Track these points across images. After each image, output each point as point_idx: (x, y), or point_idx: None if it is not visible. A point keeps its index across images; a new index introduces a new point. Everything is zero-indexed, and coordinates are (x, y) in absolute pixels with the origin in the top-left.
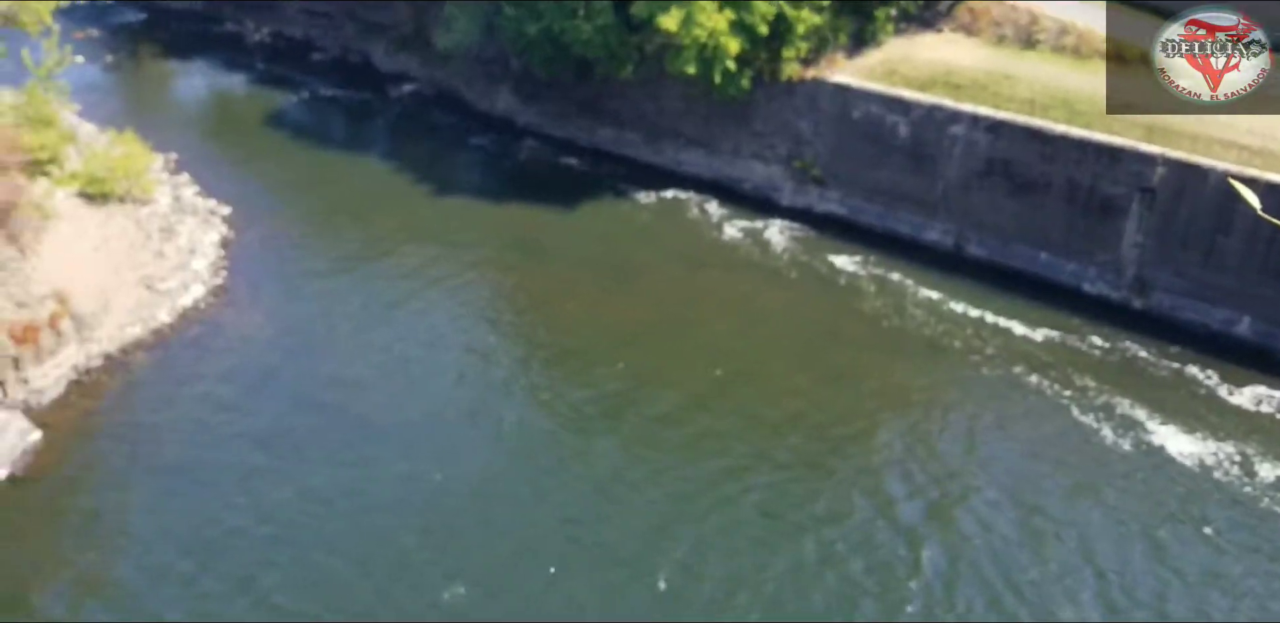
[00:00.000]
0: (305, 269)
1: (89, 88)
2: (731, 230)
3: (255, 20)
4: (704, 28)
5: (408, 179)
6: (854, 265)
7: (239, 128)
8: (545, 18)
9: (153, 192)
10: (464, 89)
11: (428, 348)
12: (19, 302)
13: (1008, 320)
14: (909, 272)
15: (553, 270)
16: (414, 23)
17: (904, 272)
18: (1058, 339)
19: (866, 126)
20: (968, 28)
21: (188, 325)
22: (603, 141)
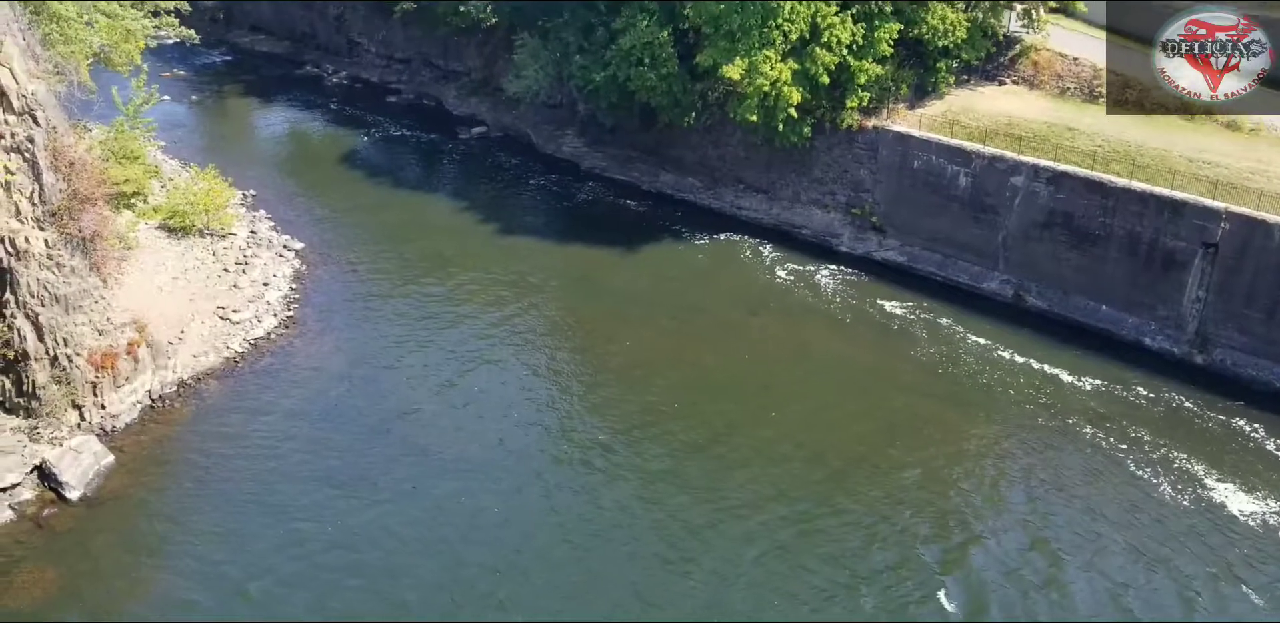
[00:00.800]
0: (373, 304)
1: (174, 125)
2: (790, 275)
3: (335, 64)
4: (766, 77)
5: (475, 218)
6: (912, 313)
7: (315, 166)
8: (612, 66)
9: (231, 225)
10: (531, 133)
11: (490, 382)
12: (100, 329)
13: (1066, 372)
14: (967, 321)
15: (613, 310)
16: (485, 69)
17: (962, 321)
18: (1116, 392)
19: (927, 176)
20: (1030, 80)
21: (259, 355)
22: (664, 186)
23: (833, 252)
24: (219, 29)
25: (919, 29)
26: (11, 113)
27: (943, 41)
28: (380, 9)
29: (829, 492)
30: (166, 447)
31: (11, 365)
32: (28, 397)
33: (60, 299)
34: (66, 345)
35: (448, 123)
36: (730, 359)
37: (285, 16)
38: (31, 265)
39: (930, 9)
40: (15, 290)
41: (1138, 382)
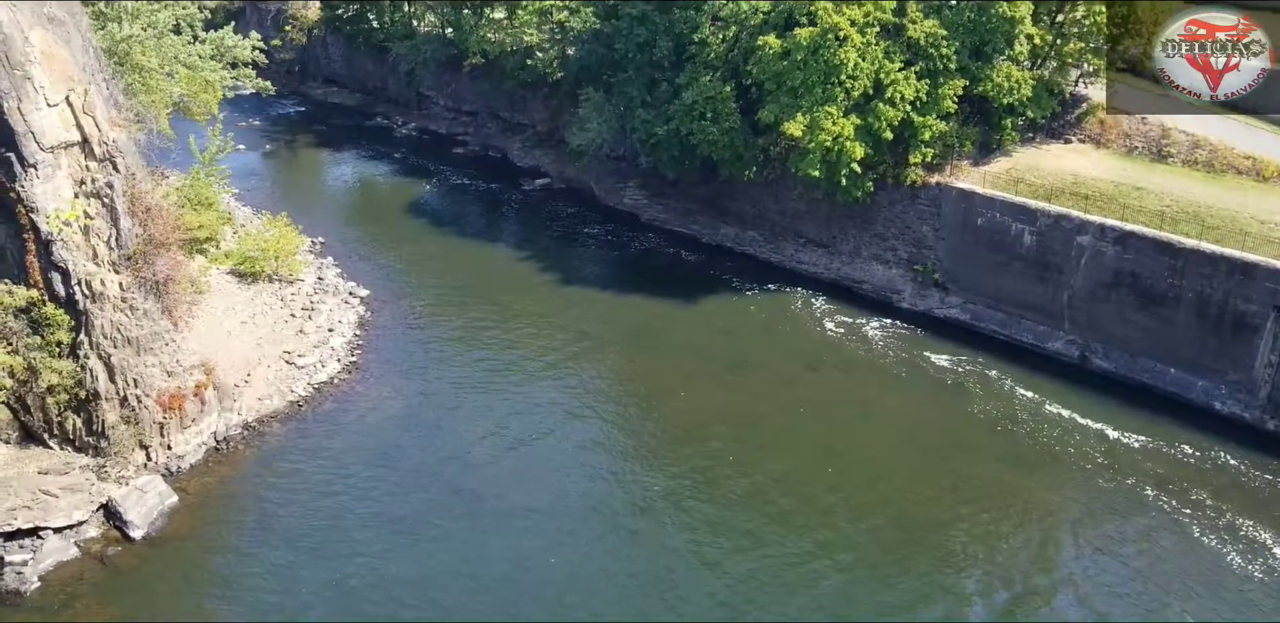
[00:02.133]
0: (434, 350)
1: (248, 173)
2: (850, 331)
3: (404, 116)
4: (829, 133)
5: (536, 267)
6: (974, 372)
7: (382, 214)
8: (674, 120)
9: (299, 272)
10: (593, 185)
11: (545, 430)
12: (169, 371)
13: (1131, 435)
14: (1031, 381)
15: (671, 360)
16: (550, 122)
17: (1025, 380)
18: (1182, 456)
19: (990, 233)
20: (1097, 139)
21: (322, 400)
22: (724, 239)
23: (894, 307)
24: (294, 81)
25: (984, 86)
26: (93, 159)
27: (1008, 99)
28: (450, 63)
29: (881, 548)
30: (229, 488)
31: (83, 405)
32: (97, 436)
33: (132, 341)
34: (136, 386)
35: (512, 174)
36: (788, 414)
37: (358, 70)
38: (106, 307)
39: (995, 67)
40: (90, 332)
41: (1205, 446)
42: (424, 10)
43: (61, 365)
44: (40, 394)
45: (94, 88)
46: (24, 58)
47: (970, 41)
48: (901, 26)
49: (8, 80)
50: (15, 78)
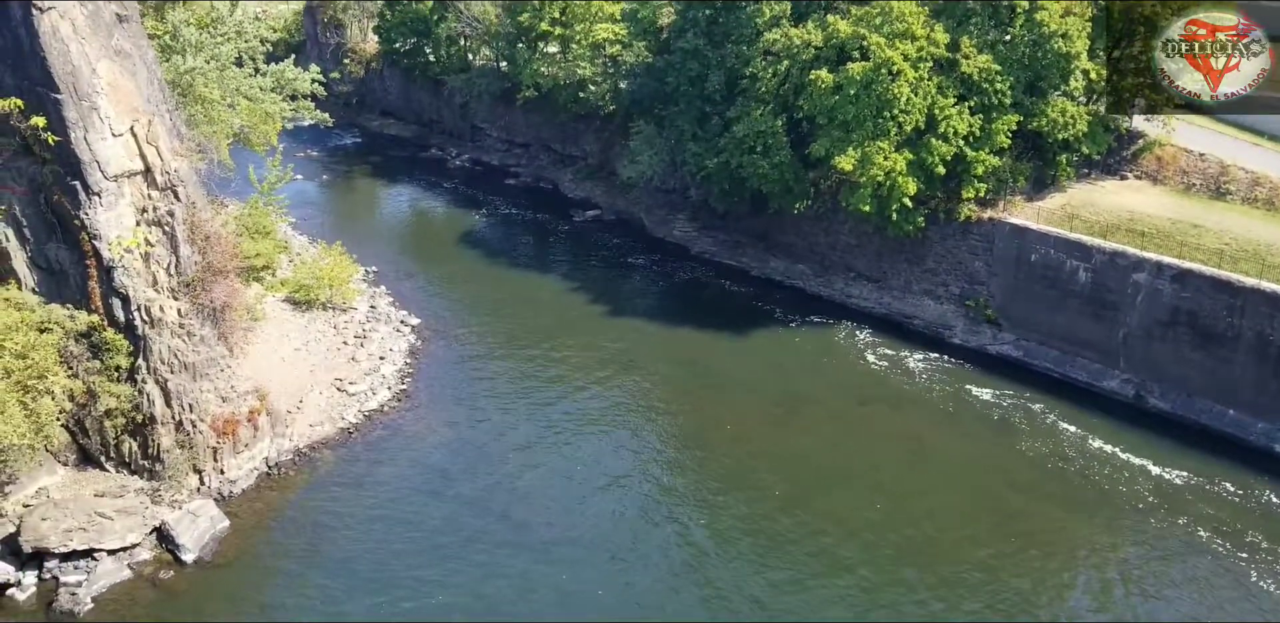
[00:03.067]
0: (483, 380)
1: (305, 202)
2: (901, 366)
3: (458, 148)
4: (880, 167)
5: (585, 298)
6: (1027, 409)
7: (435, 244)
8: (725, 153)
9: (353, 300)
10: (643, 217)
11: (591, 462)
12: (224, 396)
13: (1188, 476)
14: (1084, 420)
15: (719, 394)
16: (601, 154)
17: (1079, 419)
18: (1240, 499)
19: (1044, 269)
20: (1153, 175)
21: (372, 427)
22: (773, 271)
23: (945, 343)
24: (351, 112)
25: (1038, 121)
26: (155, 188)
27: (1062, 134)
28: (504, 96)
29: (928, 587)
30: (279, 514)
31: (139, 429)
32: (152, 459)
33: (189, 367)
34: (192, 411)
35: (563, 205)
36: (837, 449)
37: (413, 102)
38: (164, 333)
39: (1050, 102)
40: (148, 357)
41: (1263, 489)
42: (479, 44)
43: (120, 389)
44: (98, 418)
45: (158, 118)
46: (91, 89)
47: (1025, 77)
48: (955, 62)
49: (75, 111)
50: (82, 108)
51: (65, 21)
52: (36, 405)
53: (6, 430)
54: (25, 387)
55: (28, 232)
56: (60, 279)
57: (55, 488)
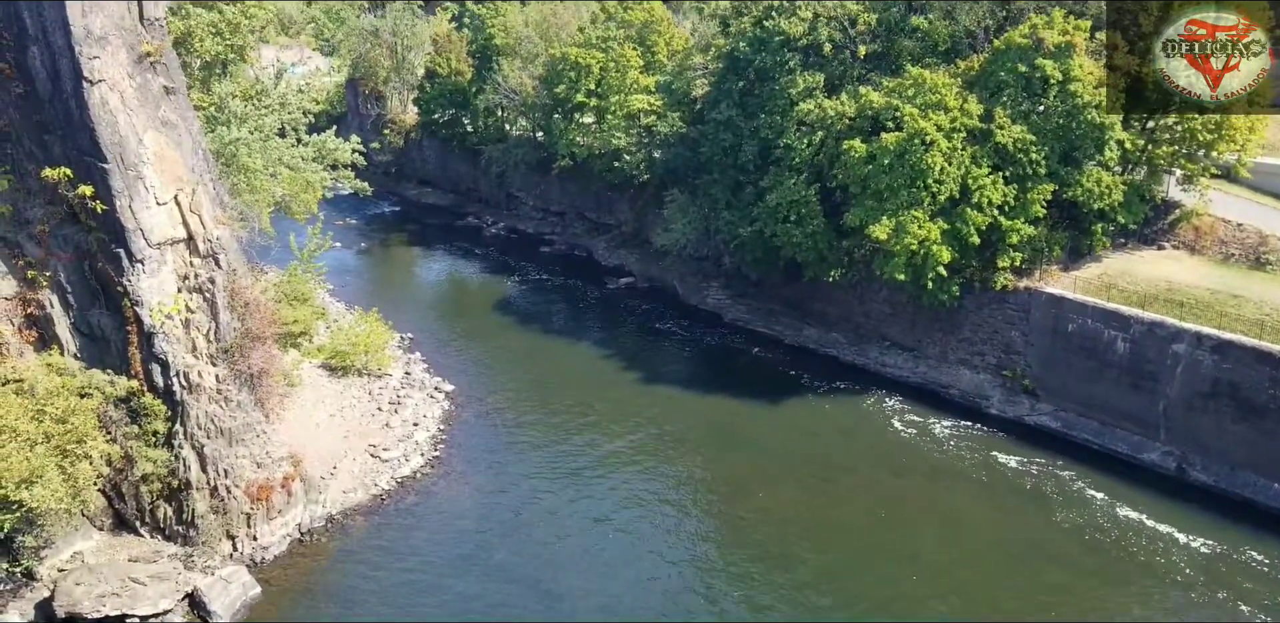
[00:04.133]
0: (516, 447)
1: (343, 270)
2: (937, 437)
3: (493, 216)
4: (915, 236)
5: (618, 365)
6: (1066, 482)
7: (470, 311)
8: (758, 222)
9: (388, 366)
10: (676, 284)
11: (625, 531)
12: (259, 462)
13: (1231, 551)
14: (1125, 492)
15: (752, 462)
16: (635, 222)
17: (1119, 492)
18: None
19: (1082, 340)
20: (1191, 245)
21: (405, 494)
22: (807, 340)
23: (982, 414)
24: (390, 181)
25: (1073, 191)
26: (197, 255)
27: (1098, 204)
28: (540, 165)
29: None
30: (310, 581)
31: (175, 494)
32: (186, 525)
33: (225, 432)
34: (227, 477)
35: (597, 273)
36: (871, 520)
37: (451, 171)
38: (202, 399)
39: (1085, 172)
40: (185, 422)
41: None
42: (516, 115)
43: (156, 455)
44: (135, 483)
45: (201, 187)
46: (138, 159)
47: (1059, 147)
48: (989, 132)
49: (122, 180)
50: (129, 177)
51: (114, 94)
52: (75, 470)
53: (45, 495)
54: (64, 451)
55: (72, 298)
56: (102, 345)
57: (90, 553)
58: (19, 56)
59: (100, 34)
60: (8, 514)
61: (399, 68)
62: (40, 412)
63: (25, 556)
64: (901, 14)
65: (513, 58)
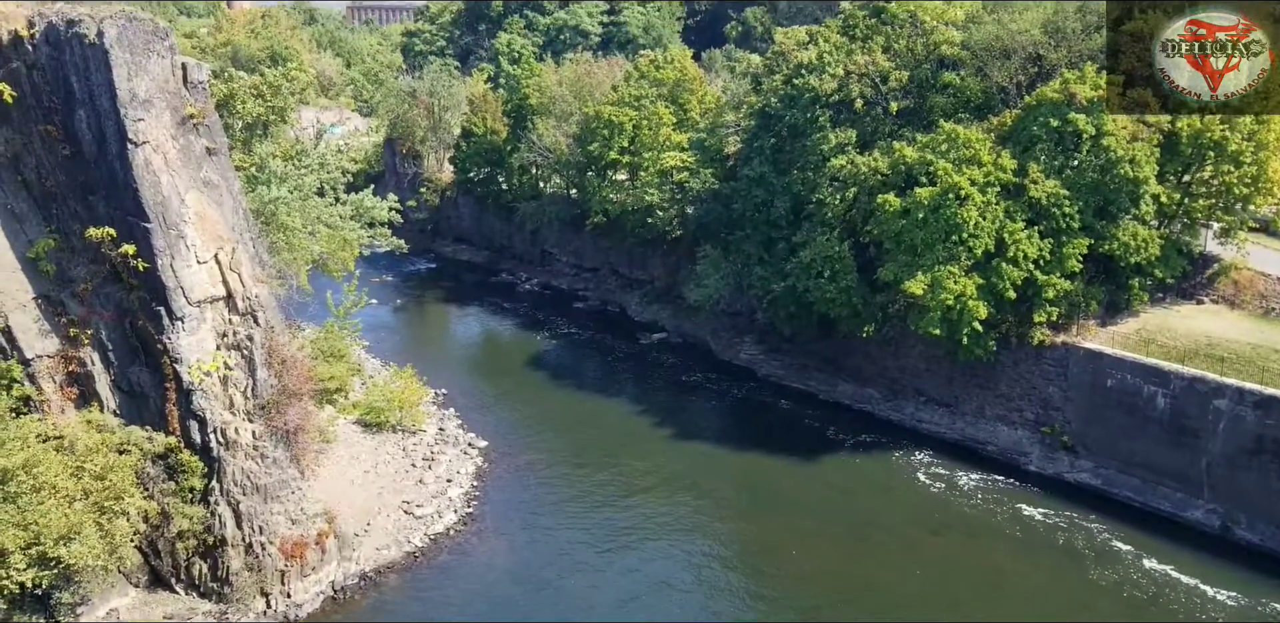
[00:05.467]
0: (550, 504)
1: (379, 326)
2: (975, 494)
3: (527, 272)
4: (950, 291)
5: (651, 421)
6: (1108, 540)
7: (504, 367)
8: (791, 277)
9: (422, 422)
10: (710, 339)
11: (656, 587)
12: (293, 519)
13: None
14: (1168, 552)
15: (787, 520)
16: (668, 278)
17: (1163, 551)
18: None
19: (1121, 395)
20: (1230, 300)
21: (438, 551)
22: (841, 395)
23: (1020, 470)
24: (426, 239)
25: (1109, 245)
26: (236, 313)
27: (1135, 258)
28: (573, 222)
29: None
30: None
31: (210, 551)
32: (221, 582)
33: (260, 489)
34: (261, 533)
35: (630, 328)
36: (909, 577)
37: (486, 229)
38: (238, 455)
39: (1121, 226)
40: (221, 479)
41: None
42: (550, 173)
43: (193, 511)
44: (171, 539)
45: (241, 246)
46: (179, 218)
47: (1094, 201)
48: (1022, 186)
49: (163, 239)
50: (170, 237)
51: (158, 155)
52: (112, 526)
53: (82, 551)
54: (102, 508)
55: (112, 355)
56: (141, 401)
57: (125, 610)
58: (66, 120)
59: (145, 97)
60: (45, 571)
61: (436, 127)
62: (79, 468)
63: (61, 612)
64: (933, 70)
65: (547, 116)
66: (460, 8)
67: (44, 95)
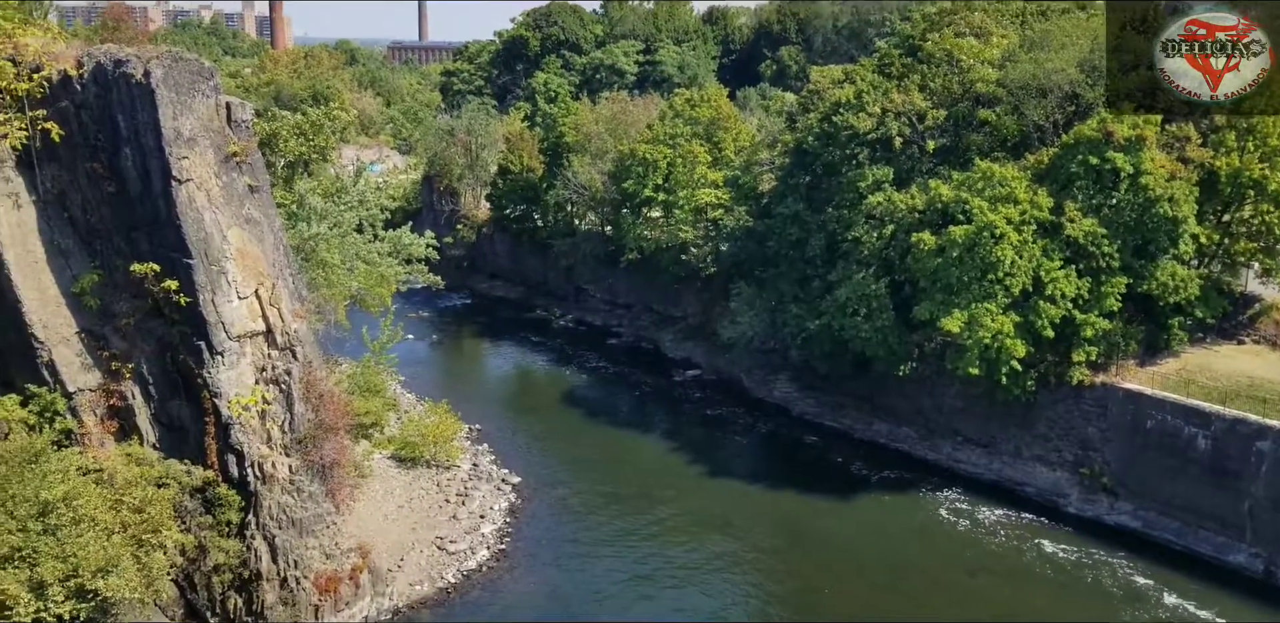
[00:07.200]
0: (582, 541)
1: (415, 361)
2: (1012, 535)
3: (562, 308)
4: (988, 330)
5: (685, 458)
6: (1149, 584)
7: (537, 402)
8: (826, 315)
9: (456, 458)
10: (743, 377)
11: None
12: (328, 553)
13: None
14: (1210, 596)
15: (821, 561)
16: (702, 315)
17: (1204, 595)
18: None
19: (1161, 437)
20: (1272, 340)
21: (470, 587)
22: (877, 434)
23: (1059, 512)
24: (462, 275)
25: (1148, 284)
26: (275, 348)
27: (1174, 298)
28: (607, 259)
29: None
30: None
31: (245, 585)
32: (256, 616)
33: (296, 523)
34: (296, 568)
35: (663, 365)
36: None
37: (521, 265)
38: (275, 489)
39: (1160, 265)
40: (258, 513)
41: None
42: (585, 210)
43: (229, 545)
44: (207, 573)
45: (281, 282)
46: (221, 254)
47: (1132, 240)
48: (1059, 225)
49: (205, 275)
50: (212, 273)
51: (201, 192)
52: (149, 559)
53: (120, 584)
54: (140, 541)
55: (153, 389)
56: (180, 435)
57: None
58: (112, 157)
59: (190, 135)
60: (83, 603)
61: (473, 165)
62: (118, 501)
63: None
64: (969, 109)
65: (583, 154)
66: (498, 48)
67: (91, 134)
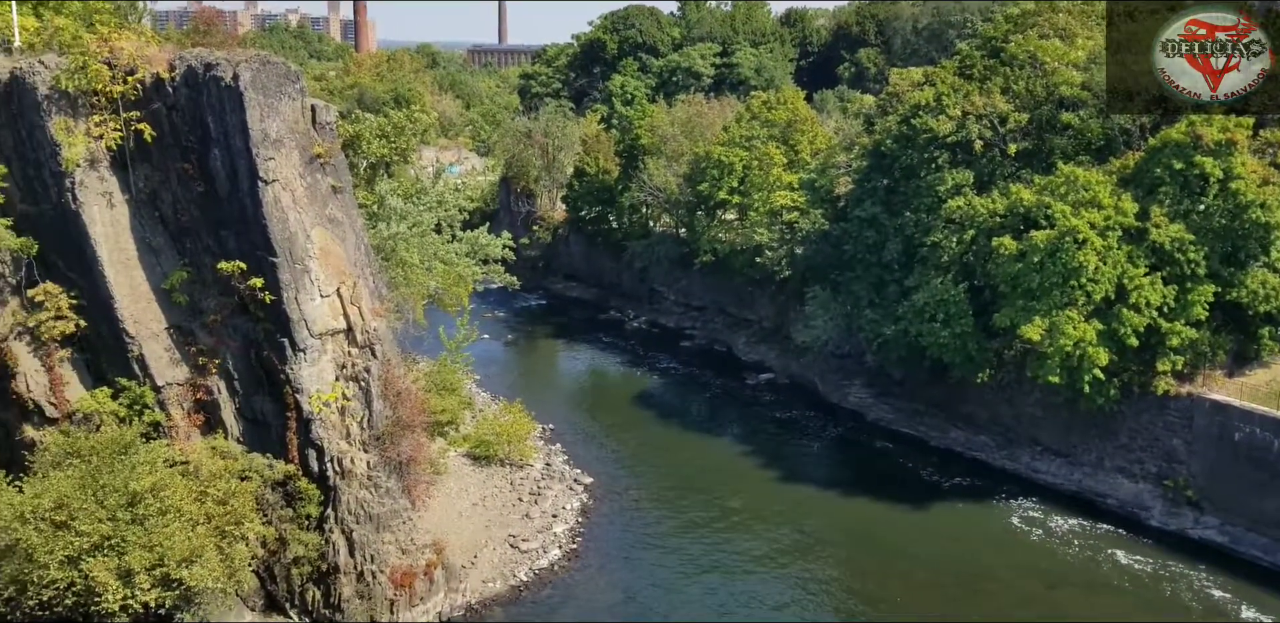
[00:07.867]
0: (653, 542)
1: (490, 361)
2: (1092, 548)
3: (635, 310)
4: (1070, 337)
5: (757, 462)
6: (1233, 601)
7: (610, 403)
8: (903, 321)
9: (530, 457)
10: (817, 381)
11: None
12: (403, 549)
13: None
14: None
15: (892, 566)
16: (776, 318)
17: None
18: None
19: (1250, 450)
20: None
21: (541, 586)
22: (954, 442)
23: (1141, 525)
24: (537, 275)
25: (1237, 292)
26: (355, 346)
27: (1264, 307)
28: (681, 261)
29: None
30: None
31: (323, 577)
32: (333, 609)
33: (374, 518)
34: (373, 562)
35: (736, 368)
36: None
37: (595, 266)
38: (353, 485)
39: (1250, 273)
40: (336, 507)
41: None
42: (660, 212)
43: (308, 538)
44: (286, 565)
45: (361, 281)
46: (305, 253)
47: (1221, 247)
48: (1144, 231)
49: (289, 273)
50: (295, 271)
51: (286, 193)
52: (232, 550)
53: (203, 574)
54: (223, 532)
55: (238, 384)
56: (262, 430)
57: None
58: (201, 158)
59: (276, 137)
60: (168, 592)
61: (549, 167)
62: (203, 493)
63: None
64: (1052, 112)
65: (658, 156)
66: (576, 51)
67: (182, 135)
